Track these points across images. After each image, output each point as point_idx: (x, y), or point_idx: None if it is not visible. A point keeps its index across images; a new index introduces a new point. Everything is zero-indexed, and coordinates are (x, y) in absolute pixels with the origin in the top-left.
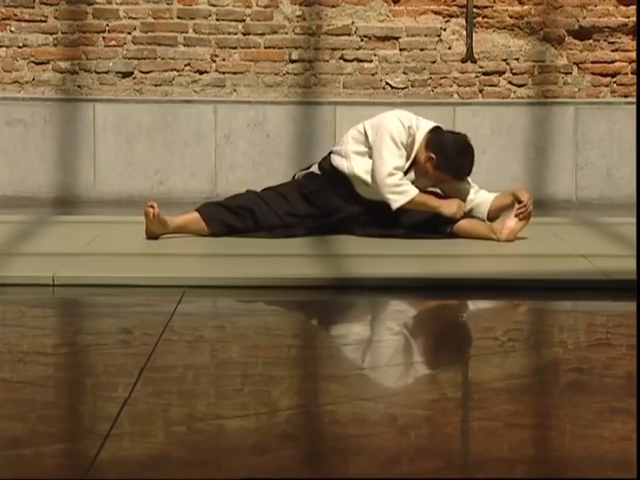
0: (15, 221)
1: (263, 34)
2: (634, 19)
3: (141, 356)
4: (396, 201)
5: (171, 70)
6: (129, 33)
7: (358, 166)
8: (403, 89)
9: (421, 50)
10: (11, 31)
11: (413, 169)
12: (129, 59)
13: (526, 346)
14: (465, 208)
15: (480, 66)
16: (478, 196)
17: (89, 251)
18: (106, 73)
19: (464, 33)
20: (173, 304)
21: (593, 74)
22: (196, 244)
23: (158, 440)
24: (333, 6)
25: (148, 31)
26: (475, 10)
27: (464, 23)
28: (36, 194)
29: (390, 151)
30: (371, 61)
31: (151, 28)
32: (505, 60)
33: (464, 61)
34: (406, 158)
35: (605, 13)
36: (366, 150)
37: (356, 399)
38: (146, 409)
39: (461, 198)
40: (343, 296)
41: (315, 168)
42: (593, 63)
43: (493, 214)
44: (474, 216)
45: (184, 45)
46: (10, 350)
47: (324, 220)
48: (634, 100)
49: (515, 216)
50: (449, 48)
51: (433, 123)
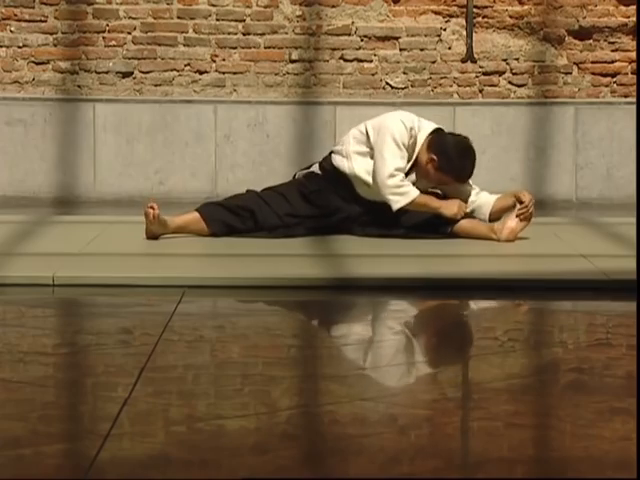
0: (15, 221)
1: (263, 34)
2: (634, 19)
3: (141, 356)
4: (397, 202)
5: (171, 70)
6: (129, 33)
7: (359, 166)
8: (403, 89)
9: (421, 50)
10: (11, 31)
11: (414, 170)
12: (129, 59)
13: (526, 346)
14: (466, 209)
15: (480, 66)
16: (479, 198)
17: (89, 251)
18: (106, 73)
19: (464, 33)
20: (173, 304)
21: (593, 74)
22: (196, 244)
23: (158, 440)
24: (333, 6)
25: (148, 31)
26: (475, 10)
27: (464, 23)
28: (36, 194)
29: (391, 152)
30: (371, 61)
31: (151, 28)
32: (505, 60)
33: (464, 61)
34: (407, 159)
35: (605, 13)
36: (367, 150)
37: (356, 399)
38: (146, 409)
39: (462, 200)
40: (343, 296)
41: (316, 168)
42: (593, 63)
43: (495, 216)
44: (475, 217)
45: (184, 45)
46: (10, 350)
47: (324, 220)
48: (634, 100)
49: (516, 216)
50: (449, 48)
51: (435, 125)
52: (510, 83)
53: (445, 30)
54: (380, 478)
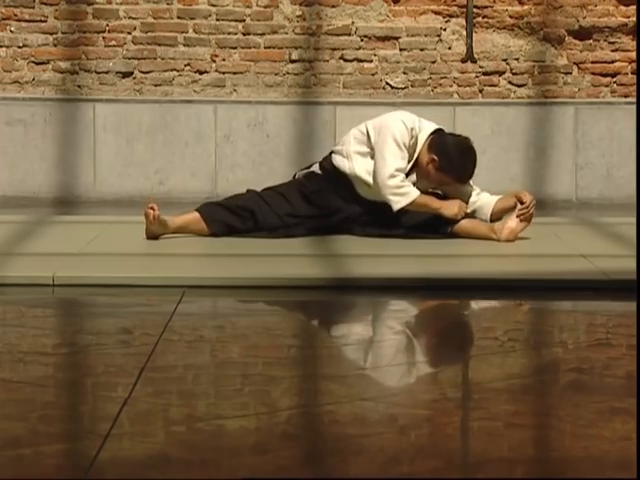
0: (15, 221)
1: (263, 34)
2: (634, 19)
3: (141, 356)
4: (397, 202)
5: (171, 70)
6: (129, 33)
7: (359, 166)
8: (403, 89)
9: (421, 50)
10: (11, 31)
11: (415, 171)
12: (129, 59)
13: (526, 346)
14: (466, 209)
15: (480, 66)
16: (480, 198)
17: (89, 251)
18: (106, 73)
19: (464, 33)
20: (173, 304)
21: (593, 74)
22: (196, 244)
23: (158, 440)
24: (333, 6)
25: (148, 31)
26: (475, 10)
27: (464, 23)
28: (36, 194)
29: (392, 152)
30: (371, 61)
31: (151, 28)
32: (505, 60)
33: (464, 61)
34: (408, 160)
35: (605, 13)
36: (368, 151)
37: (356, 399)
38: (146, 409)
39: (463, 200)
40: (343, 296)
41: (316, 167)
42: (593, 63)
43: (496, 216)
44: (476, 218)
45: (184, 45)
46: (10, 350)
47: (325, 220)
48: (634, 100)
49: (517, 217)
50: (449, 48)
51: (435, 125)
52: (510, 83)
53: (445, 30)
54: (380, 478)
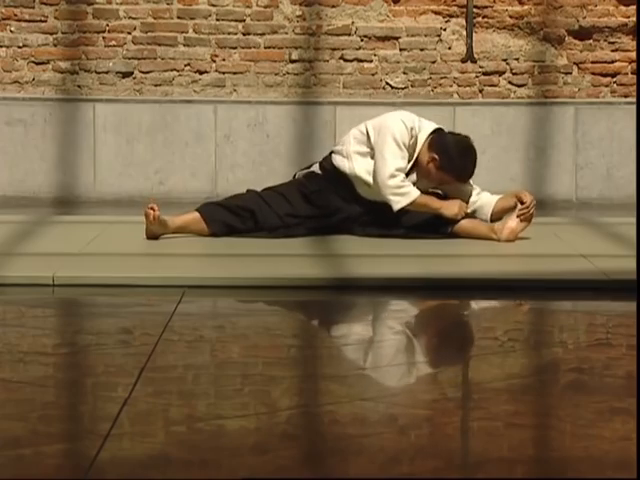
0: (15, 221)
1: (263, 34)
2: (634, 19)
3: (141, 356)
4: (398, 202)
5: (171, 70)
6: (129, 33)
7: (359, 166)
8: (403, 89)
9: (421, 50)
10: (11, 31)
11: (415, 170)
12: (129, 59)
13: (526, 346)
14: (466, 209)
15: (480, 66)
16: (480, 198)
17: (89, 251)
18: (106, 73)
19: (464, 33)
20: (173, 304)
21: (593, 74)
22: (196, 244)
23: (158, 440)
24: (333, 6)
25: (148, 31)
26: (475, 10)
27: (464, 23)
28: (36, 194)
29: (392, 152)
30: (371, 61)
31: (151, 28)
32: (505, 60)
33: (464, 61)
34: (408, 159)
35: (605, 13)
36: (368, 151)
37: (356, 399)
38: (146, 409)
39: (463, 200)
40: (343, 296)
41: (316, 167)
42: (593, 63)
43: (496, 216)
44: (477, 218)
45: (184, 45)
46: (10, 350)
47: (325, 220)
48: (634, 100)
49: (517, 217)
50: (449, 48)
51: (435, 125)
52: (510, 83)
53: (445, 30)
54: (380, 478)
